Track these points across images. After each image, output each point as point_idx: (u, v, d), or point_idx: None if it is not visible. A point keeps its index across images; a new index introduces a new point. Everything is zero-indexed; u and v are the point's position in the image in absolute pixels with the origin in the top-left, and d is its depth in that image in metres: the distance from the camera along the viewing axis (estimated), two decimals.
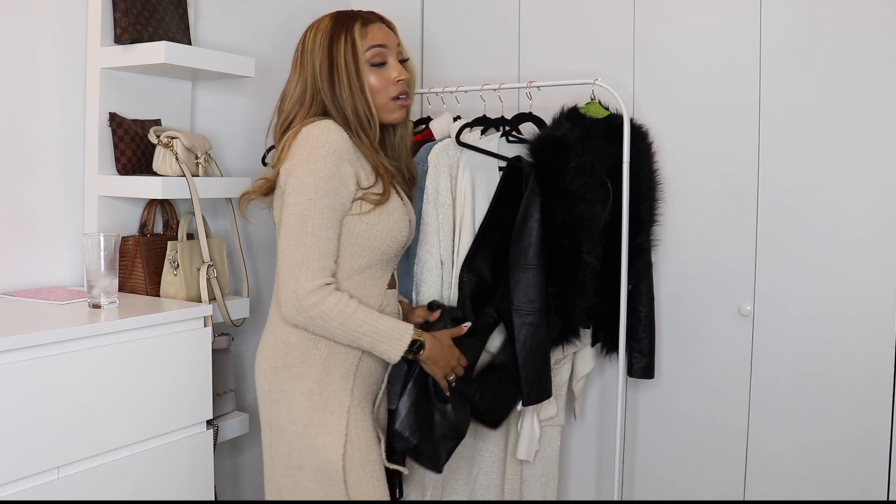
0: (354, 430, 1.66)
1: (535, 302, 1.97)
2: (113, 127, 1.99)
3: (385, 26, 1.76)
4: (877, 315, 2.11)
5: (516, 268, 1.97)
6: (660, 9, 2.36)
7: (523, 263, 1.97)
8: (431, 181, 2.03)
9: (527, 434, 2.14)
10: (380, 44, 1.71)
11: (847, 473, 2.17)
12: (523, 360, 1.98)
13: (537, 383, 2.01)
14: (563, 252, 1.97)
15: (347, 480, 1.64)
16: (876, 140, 2.10)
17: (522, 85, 2.18)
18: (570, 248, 1.96)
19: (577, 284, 1.99)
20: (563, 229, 1.96)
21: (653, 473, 2.46)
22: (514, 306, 1.97)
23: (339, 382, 1.66)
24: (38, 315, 1.66)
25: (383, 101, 1.72)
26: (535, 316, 1.97)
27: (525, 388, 2.00)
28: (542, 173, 1.98)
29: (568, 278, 1.98)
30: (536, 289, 1.97)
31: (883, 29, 2.08)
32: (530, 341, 1.97)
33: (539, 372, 2.00)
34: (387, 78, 1.72)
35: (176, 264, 1.98)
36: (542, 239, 1.97)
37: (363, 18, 1.73)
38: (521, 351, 1.97)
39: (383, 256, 1.71)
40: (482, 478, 2.20)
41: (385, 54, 1.72)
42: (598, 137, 2.06)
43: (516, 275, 1.97)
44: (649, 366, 2.24)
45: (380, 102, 1.72)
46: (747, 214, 2.26)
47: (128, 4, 1.94)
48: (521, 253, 1.97)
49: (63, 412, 1.54)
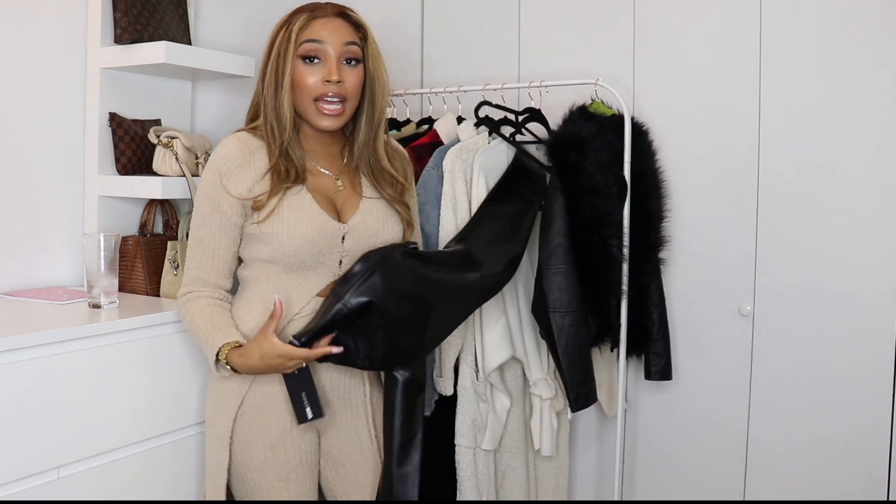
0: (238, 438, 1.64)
1: (573, 302, 1.92)
2: (113, 127, 1.99)
3: (345, 23, 1.62)
4: (877, 315, 2.11)
5: (548, 269, 1.92)
6: (660, 9, 2.35)
7: (555, 264, 1.92)
8: (448, 187, 1.99)
9: (547, 429, 2.10)
10: (315, 38, 1.58)
11: (847, 473, 2.17)
12: (567, 364, 1.92)
13: (583, 386, 1.96)
14: (593, 248, 1.93)
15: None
16: (876, 140, 2.10)
17: (524, 85, 2.17)
18: (599, 243, 1.93)
19: (609, 280, 1.96)
20: (591, 225, 1.93)
21: (653, 473, 2.46)
22: (551, 309, 1.91)
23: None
24: (38, 315, 1.66)
25: (304, 102, 1.60)
26: (573, 316, 1.92)
27: (572, 394, 1.94)
28: (562, 170, 1.95)
29: (600, 275, 1.95)
30: (571, 288, 1.92)
31: (883, 29, 2.08)
32: (572, 343, 1.92)
33: (585, 374, 1.95)
34: (315, 75, 1.58)
35: (176, 264, 1.98)
36: (570, 237, 1.93)
37: (314, 11, 1.62)
38: (565, 355, 1.91)
39: (293, 262, 1.60)
40: (510, 473, 2.17)
41: (321, 51, 1.58)
42: (611, 133, 2.05)
43: (549, 277, 1.91)
44: (667, 367, 2.21)
45: (300, 102, 1.60)
46: (747, 214, 2.26)
47: (128, 4, 1.94)
48: (552, 254, 1.92)
49: (63, 412, 1.54)
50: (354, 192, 1.69)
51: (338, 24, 1.61)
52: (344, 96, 1.60)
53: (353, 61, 1.62)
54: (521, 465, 2.16)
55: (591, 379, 1.98)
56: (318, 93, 1.59)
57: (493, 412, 2.07)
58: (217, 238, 1.61)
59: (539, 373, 2.11)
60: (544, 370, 2.12)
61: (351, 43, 1.61)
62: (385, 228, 1.70)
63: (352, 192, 1.69)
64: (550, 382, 2.12)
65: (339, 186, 1.68)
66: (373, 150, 1.69)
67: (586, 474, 2.55)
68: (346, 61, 1.61)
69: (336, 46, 1.59)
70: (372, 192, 1.71)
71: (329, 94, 1.59)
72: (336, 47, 1.59)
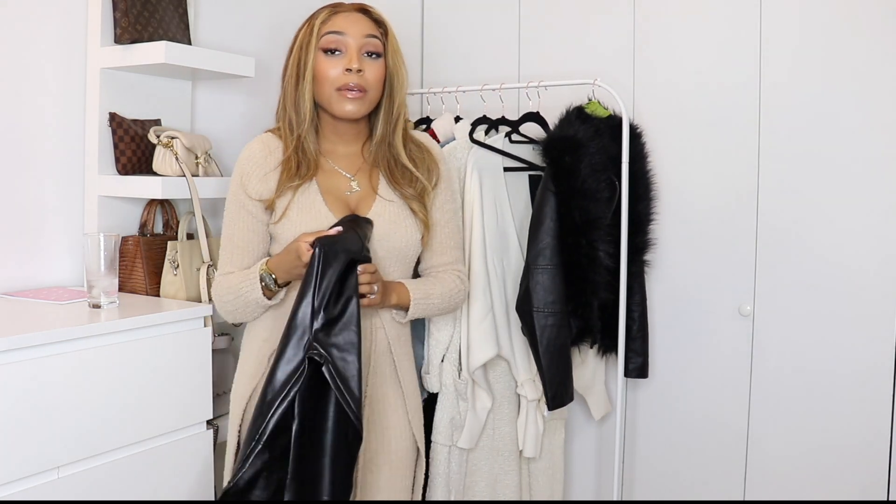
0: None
1: (557, 303, 1.95)
2: (113, 127, 1.99)
3: (366, 17, 1.66)
4: (877, 315, 2.11)
5: (534, 269, 1.95)
6: (660, 9, 2.36)
7: (542, 264, 1.95)
8: None
9: (532, 431, 2.12)
10: (337, 30, 1.62)
11: (847, 473, 2.17)
12: (547, 363, 1.95)
13: (562, 386, 1.99)
14: (580, 251, 1.96)
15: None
16: (876, 140, 2.10)
17: (523, 85, 2.18)
18: (587, 246, 1.95)
19: (594, 283, 1.98)
20: (580, 228, 1.95)
21: (653, 473, 2.46)
22: (535, 308, 1.94)
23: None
24: (38, 315, 1.66)
25: (327, 93, 1.63)
26: (556, 317, 1.95)
27: (549, 392, 1.97)
28: (556, 172, 1.96)
29: (585, 277, 1.97)
30: (556, 289, 1.95)
31: (883, 29, 2.08)
32: (553, 343, 1.95)
33: (564, 374, 1.98)
34: (337, 66, 1.62)
35: (176, 264, 1.98)
36: (558, 238, 1.95)
37: (335, 7, 1.66)
38: (545, 354, 1.95)
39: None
40: (503, 477, 2.18)
41: (341, 42, 1.62)
42: (606, 136, 2.06)
43: (535, 276, 1.95)
44: (644, 365, 2.25)
45: (322, 93, 1.64)
46: (747, 215, 2.26)
47: (128, 4, 1.94)
48: (539, 254, 1.95)
49: (63, 412, 1.53)
50: (370, 193, 1.69)
51: (358, 18, 1.65)
52: (364, 88, 1.63)
53: (373, 54, 1.65)
54: (513, 468, 2.16)
55: (569, 379, 2.02)
56: (340, 83, 1.61)
57: (472, 411, 2.06)
58: (245, 235, 1.66)
59: (526, 374, 2.11)
60: (532, 371, 2.12)
61: (371, 36, 1.64)
62: (398, 232, 1.68)
63: (368, 193, 1.69)
64: (538, 384, 2.12)
65: (353, 188, 1.69)
66: (390, 146, 1.70)
67: (585, 474, 2.55)
68: (366, 54, 1.64)
69: (357, 38, 1.62)
70: (389, 193, 1.70)
71: (350, 85, 1.61)
72: (357, 38, 1.62)
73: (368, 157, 1.72)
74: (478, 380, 2.06)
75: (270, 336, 1.64)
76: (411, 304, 1.68)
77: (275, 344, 1.52)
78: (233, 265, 1.67)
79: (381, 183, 1.70)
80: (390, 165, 1.70)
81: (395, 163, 1.70)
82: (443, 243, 1.78)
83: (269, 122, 2.54)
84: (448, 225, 1.79)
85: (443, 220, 1.77)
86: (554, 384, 1.97)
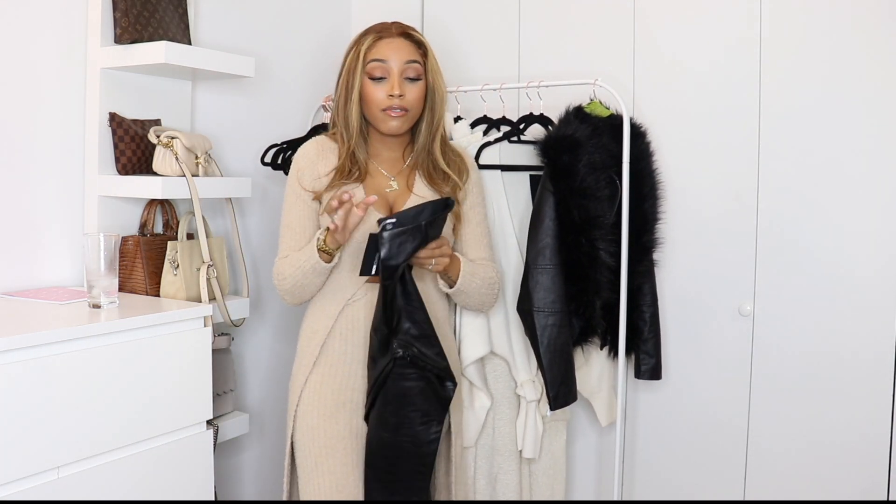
0: (303, 407, 1.83)
1: (557, 302, 1.96)
2: (113, 127, 1.99)
3: (407, 42, 1.83)
4: (877, 315, 2.11)
5: (534, 269, 1.96)
6: (660, 9, 2.36)
7: (541, 264, 1.96)
8: None
9: (531, 431, 2.12)
10: (380, 58, 1.80)
11: (847, 473, 2.17)
12: (548, 363, 1.96)
13: (563, 386, 1.98)
14: (580, 250, 1.96)
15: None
16: (876, 140, 2.10)
17: (523, 85, 2.18)
18: (587, 245, 1.96)
19: (595, 282, 1.98)
20: (580, 227, 1.95)
21: (653, 473, 2.46)
22: (536, 308, 1.95)
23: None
24: (38, 315, 1.66)
25: (374, 112, 1.83)
26: (557, 317, 1.96)
27: (552, 392, 1.97)
28: (554, 172, 1.97)
29: (586, 276, 1.97)
30: (556, 289, 1.96)
31: (883, 29, 2.08)
32: (554, 343, 1.96)
33: (565, 374, 1.98)
34: (381, 91, 1.80)
35: (176, 264, 1.98)
36: (558, 238, 1.96)
37: (381, 32, 1.83)
38: (546, 354, 1.95)
39: (345, 250, 1.79)
40: (503, 476, 2.18)
41: (385, 69, 1.80)
42: (606, 135, 2.06)
43: (535, 276, 1.96)
44: (657, 367, 2.22)
45: (369, 112, 1.84)
46: (747, 214, 2.26)
47: (128, 4, 1.94)
48: (539, 253, 1.96)
49: (63, 412, 1.53)
50: (406, 191, 1.87)
51: (400, 44, 1.82)
52: (406, 108, 1.82)
53: (414, 78, 1.82)
54: (513, 468, 2.16)
55: (571, 379, 2.01)
56: (384, 105, 1.81)
57: (471, 410, 2.06)
58: (303, 222, 1.84)
59: (526, 374, 2.11)
60: (532, 372, 2.12)
61: (412, 61, 1.82)
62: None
63: (405, 191, 1.87)
64: (538, 385, 2.12)
65: (392, 186, 1.86)
66: (429, 152, 1.89)
67: (586, 474, 2.55)
68: (407, 78, 1.81)
69: (399, 63, 1.81)
70: (425, 191, 1.87)
71: (394, 106, 1.80)
72: (399, 64, 1.81)
73: (409, 161, 1.90)
74: (472, 379, 2.06)
75: (320, 328, 1.84)
76: (461, 274, 1.82)
77: (324, 335, 1.81)
78: (290, 249, 1.83)
79: (417, 182, 1.88)
80: (429, 169, 1.88)
81: (433, 167, 1.88)
82: (476, 238, 1.93)
83: (269, 122, 2.56)
84: (480, 224, 1.94)
85: (475, 218, 1.93)
86: (556, 384, 1.97)
